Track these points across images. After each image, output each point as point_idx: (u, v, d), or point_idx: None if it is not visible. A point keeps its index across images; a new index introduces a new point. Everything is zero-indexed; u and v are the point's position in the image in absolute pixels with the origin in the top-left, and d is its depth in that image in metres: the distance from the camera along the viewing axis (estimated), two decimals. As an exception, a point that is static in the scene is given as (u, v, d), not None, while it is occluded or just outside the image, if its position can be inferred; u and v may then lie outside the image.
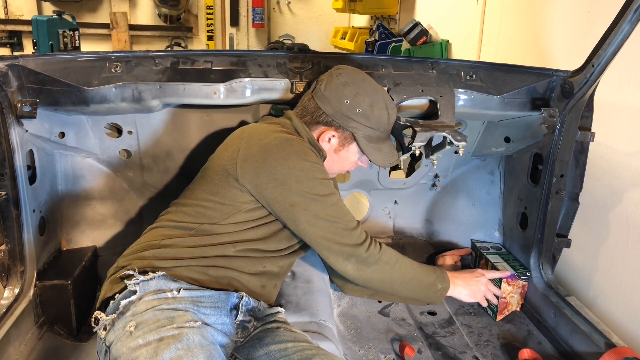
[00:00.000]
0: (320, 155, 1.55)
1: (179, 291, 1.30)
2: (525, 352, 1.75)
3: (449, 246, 2.33)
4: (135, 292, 1.29)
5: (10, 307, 1.55)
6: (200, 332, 1.23)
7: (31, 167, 1.67)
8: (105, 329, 1.27)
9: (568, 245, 1.98)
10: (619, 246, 1.98)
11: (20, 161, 1.56)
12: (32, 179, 1.66)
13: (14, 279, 1.62)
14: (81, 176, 1.90)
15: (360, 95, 1.50)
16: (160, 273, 1.33)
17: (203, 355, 1.17)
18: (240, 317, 1.42)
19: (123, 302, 1.28)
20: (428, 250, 2.32)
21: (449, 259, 2.14)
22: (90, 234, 1.97)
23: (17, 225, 1.59)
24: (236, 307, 1.42)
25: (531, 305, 1.99)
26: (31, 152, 1.65)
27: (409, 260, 1.59)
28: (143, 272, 1.33)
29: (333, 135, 1.55)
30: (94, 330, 1.31)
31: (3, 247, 1.59)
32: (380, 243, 1.53)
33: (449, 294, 1.66)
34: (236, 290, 1.43)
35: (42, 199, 1.73)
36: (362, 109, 1.51)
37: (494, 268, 1.98)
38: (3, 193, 1.55)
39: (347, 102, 1.50)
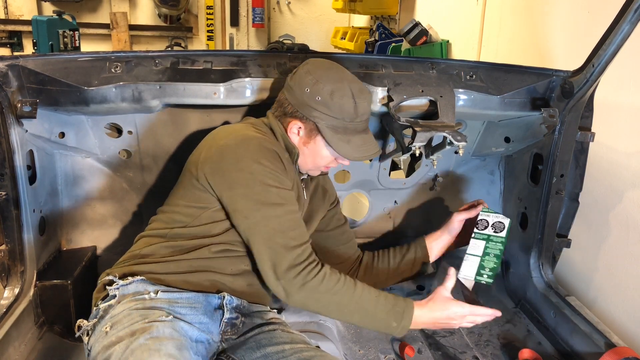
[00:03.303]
0: (292, 155, 1.49)
1: (156, 293, 1.33)
2: (525, 352, 1.75)
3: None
4: (114, 296, 1.33)
5: (10, 307, 1.55)
6: (170, 325, 1.25)
7: (31, 167, 1.67)
8: (87, 334, 1.32)
9: (568, 245, 1.98)
10: (619, 246, 1.98)
11: (20, 161, 1.56)
12: (32, 179, 1.66)
13: (14, 279, 1.62)
14: (81, 176, 1.90)
15: (320, 82, 1.41)
16: (139, 278, 1.37)
17: (172, 344, 1.18)
18: (227, 315, 1.41)
19: (102, 307, 1.33)
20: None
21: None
22: (90, 234, 1.97)
23: (17, 225, 1.59)
24: (220, 307, 1.42)
25: (531, 305, 1.98)
26: (31, 152, 1.65)
27: (360, 291, 1.37)
28: (123, 278, 1.38)
29: (300, 127, 1.46)
30: (76, 336, 1.36)
31: (3, 247, 1.59)
32: (323, 268, 1.37)
33: (413, 328, 1.43)
34: (218, 292, 1.42)
35: (42, 199, 1.73)
36: (322, 97, 1.41)
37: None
38: (3, 193, 1.55)
39: (307, 90, 1.41)
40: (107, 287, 1.37)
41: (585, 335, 1.68)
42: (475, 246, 1.61)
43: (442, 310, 1.43)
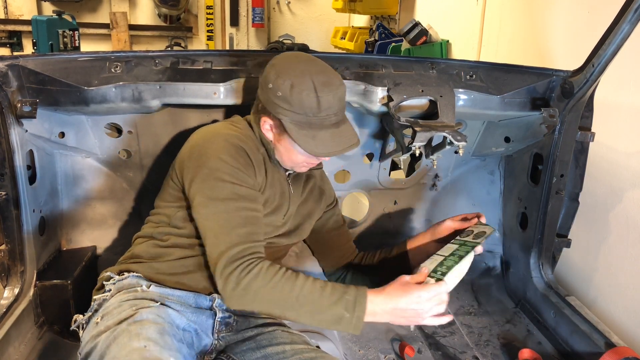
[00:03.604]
0: (269, 150, 1.45)
1: (149, 287, 1.35)
2: (525, 352, 1.75)
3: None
4: (109, 290, 1.37)
5: (10, 307, 1.55)
6: (155, 311, 1.26)
7: (31, 167, 1.67)
8: (82, 327, 1.36)
9: (568, 245, 1.98)
10: (619, 246, 1.98)
11: (20, 161, 1.56)
12: (32, 179, 1.66)
13: (14, 279, 1.62)
14: (81, 176, 1.90)
15: (281, 77, 1.33)
16: (134, 273, 1.40)
17: (153, 329, 1.18)
18: (219, 315, 1.40)
19: (97, 300, 1.36)
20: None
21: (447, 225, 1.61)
22: (90, 234, 1.97)
23: (17, 225, 1.59)
24: (211, 308, 1.41)
25: (531, 305, 1.98)
26: (31, 152, 1.65)
27: (302, 282, 1.24)
28: (120, 274, 1.41)
29: (270, 124, 1.40)
30: (71, 329, 1.40)
31: (3, 247, 1.59)
32: (260, 264, 1.25)
33: (372, 320, 1.23)
34: (210, 293, 1.41)
35: (42, 199, 1.73)
36: (282, 92, 1.33)
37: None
38: (3, 193, 1.55)
39: (270, 85, 1.35)
40: (104, 283, 1.41)
41: (585, 335, 1.68)
42: (447, 248, 1.43)
43: (403, 296, 1.20)
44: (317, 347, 1.43)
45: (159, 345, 1.15)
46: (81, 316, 1.39)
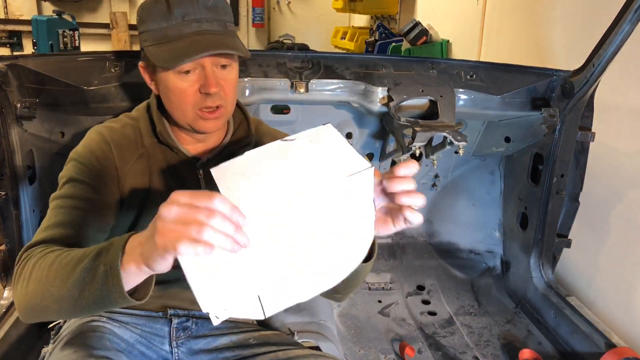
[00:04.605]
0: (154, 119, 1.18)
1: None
2: (525, 352, 1.75)
3: (449, 247, 2.33)
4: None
5: (10, 307, 1.55)
6: (98, 322, 1.17)
7: (31, 167, 1.67)
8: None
9: (568, 245, 1.98)
10: (619, 246, 1.98)
11: (20, 161, 1.56)
12: (32, 179, 1.66)
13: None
14: (81, 176, 1.90)
15: (139, 7, 1.14)
16: None
17: (95, 339, 1.10)
18: (175, 321, 1.22)
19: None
20: (428, 250, 2.32)
21: None
22: (90, 234, 1.96)
23: (17, 225, 1.58)
24: (164, 316, 1.24)
25: (531, 305, 1.98)
26: (31, 152, 1.65)
27: (58, 253, 0.92)
28: None
29: (143, 68, 1.18)
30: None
31: (3, 247, 1.59)
32: (31, 254, 0.96)
33: (130, 269, 0.80)
34: (167, 309, 1.23)
35: (42, 199, 1.73)
36: (138, 16, 1.14)
37: None
38: (3, 193, 1.54)
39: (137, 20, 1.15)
40: None
41: (586, 335, 1.68)
42: None
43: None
44: (317, 347, 1.43)
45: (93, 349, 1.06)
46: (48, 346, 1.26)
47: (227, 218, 0.69)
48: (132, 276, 0.80)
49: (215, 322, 0.72)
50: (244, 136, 1.21)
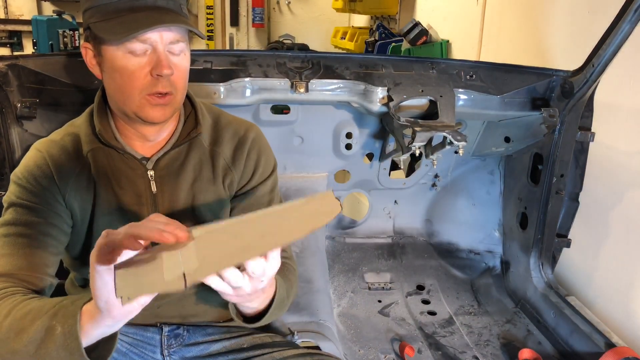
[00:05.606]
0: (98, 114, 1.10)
1: None
2: (525, 352, 1.76)
3: (448, 246, 2.33)
4: None
5: None
6: None
7: (31, 167, 1.67)
8: None
9: (568, 245, 1.98)
10: (619, 246, 1.98)
11: (20, 161, 1.56)
12: (32, 179, 1.66)
13: (14, 279, 1.62)
14: (81, 176, 1.90)
15: None
16: None
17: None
18: (166, 329, 1.18)
19: None
20: (428, 250, 2.32)
21: None
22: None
23: (17, 225, 1.58)
24: (155, 325, 1.19)
25: (531, 305, 1.99)
26: (31, 152, 1.65)
27: (19, 302, 0.89)
28: None
29: (87, 49, 1.07)
30: None
31: (3, 247, 1.59)
32: None
33: (91, 326, 0.82)
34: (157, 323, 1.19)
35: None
36: None
37: None
38: (3, 193, 1.54)
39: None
40: None
41: (585, 335, 1.68)
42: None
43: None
44: (317, 347, 1.43)
45: None
46: None
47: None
48: (93, 331, 0.82)
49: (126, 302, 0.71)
50: (192, 129, 1.13)
